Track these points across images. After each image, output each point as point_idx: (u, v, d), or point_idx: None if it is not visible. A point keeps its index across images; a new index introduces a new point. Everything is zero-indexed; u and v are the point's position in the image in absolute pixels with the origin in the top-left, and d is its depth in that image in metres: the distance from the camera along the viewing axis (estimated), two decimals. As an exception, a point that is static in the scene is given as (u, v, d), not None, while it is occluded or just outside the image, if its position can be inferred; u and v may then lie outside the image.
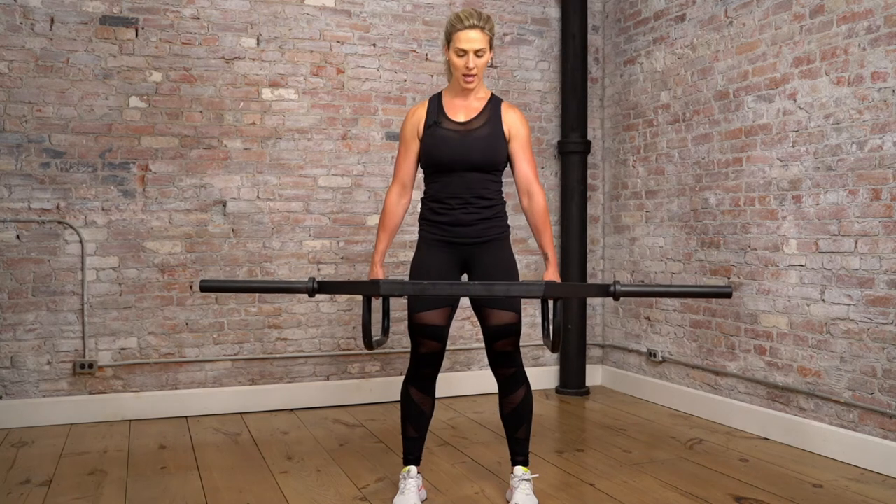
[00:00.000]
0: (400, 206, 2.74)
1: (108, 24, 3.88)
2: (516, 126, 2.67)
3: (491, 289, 2.39)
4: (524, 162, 2.68)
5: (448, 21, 2.63)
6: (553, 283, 2.41)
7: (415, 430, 2.74)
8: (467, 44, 2.56)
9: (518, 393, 2.70)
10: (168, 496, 2.79)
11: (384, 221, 2.74)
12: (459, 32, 2.56)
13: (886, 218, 3.04)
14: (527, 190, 2.68)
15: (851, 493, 2.83)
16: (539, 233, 2.69)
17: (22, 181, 3.76)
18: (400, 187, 2.73)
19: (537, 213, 2.68)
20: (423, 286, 2.40)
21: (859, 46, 3.14)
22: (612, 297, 2.49)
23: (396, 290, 2.44)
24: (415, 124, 2.70)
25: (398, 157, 2.75)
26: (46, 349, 3.80)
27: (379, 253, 2.74)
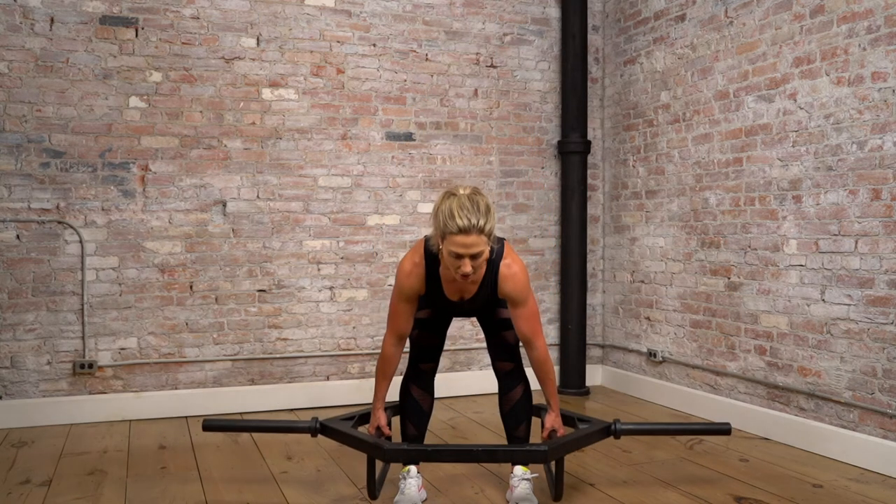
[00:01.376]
0: (398, 355, 2.69)
1: (107, 24, 3.88)
2: (512, 294, 2.56)
3: (493, 455, 2.47)
4: (523, 321, 2.58)
5: (441, 214, 2.36)
6: (555, 446, 2.48)
7: (414, 427, 2.75)
8: (462, 249, 2.33)
9: (517, 390, 2.73)
10: (168, 496, 2.79)
11: (383, 369, 2.68)
12: (454, 236, 2.32)
13: (886, 218, 3.04)
14: (527, 343, 2.62)
15: (851, 493, 2.82)
16: (541, 381, 2.68)
17: (22, 181, 3.76)
18: (397, 339, 2.67)
19: (538, 364, 2.65)
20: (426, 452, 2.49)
21: (859, 46, 3.14)
22: (614, 436, 2.70)
23: (401, 456, 2.51)
24: (415, 288, 2.58)
25: (395, 309, 2.62)
26: (46, 349, 3.80)
27: (379, 399, 2.72)
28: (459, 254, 2.34)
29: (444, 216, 2.34)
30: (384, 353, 2.67)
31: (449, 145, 4.51)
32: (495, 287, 2.57)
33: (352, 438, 2.63)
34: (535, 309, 2.60)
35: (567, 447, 2.60)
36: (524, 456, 2.51)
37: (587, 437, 2.72)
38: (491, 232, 2.37)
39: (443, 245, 2.38)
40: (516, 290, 2.54)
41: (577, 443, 2.67)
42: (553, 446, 2.47)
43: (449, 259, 2.39)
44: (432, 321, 2.74)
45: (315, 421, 2.70)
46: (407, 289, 2.58)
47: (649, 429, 3.06)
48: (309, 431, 2.70)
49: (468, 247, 2.32)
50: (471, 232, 2.30)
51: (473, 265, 2.37)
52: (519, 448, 2.52)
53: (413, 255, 2.59)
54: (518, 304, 2.57)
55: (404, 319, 2.63)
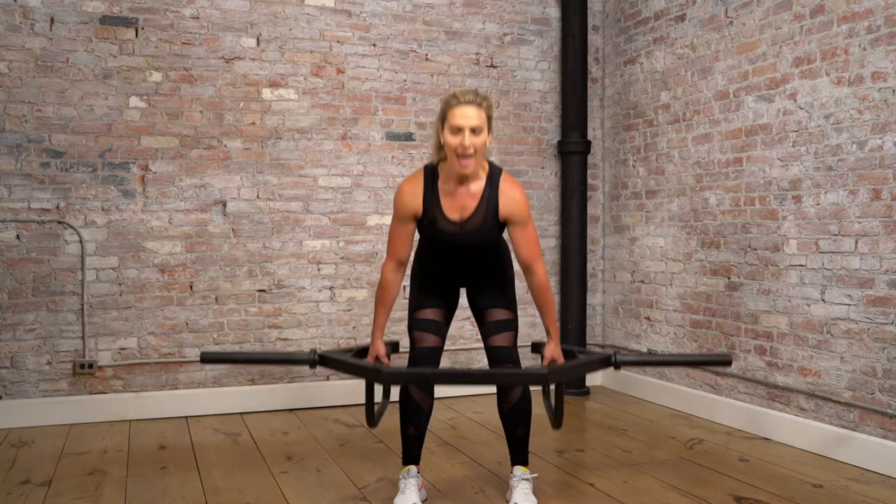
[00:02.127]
0: (397, 282, 2.68)
1: (108, 24, 3.88)
2: (513, 212, 2.57)
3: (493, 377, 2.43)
4: (523, 244, 2.59)
5: (443, 100, 2.52)
6: (555, 369, 2.44)
7: (414, 428, 2.74)
8: (463, 120, 2.41)
9: (516, 391, 2.71)
10: (168, 496, 2.79)
11: (382, 296, 2.67)
12: (454, 108, 2.43)
13: (886, 218, 3.04)
14: (527, 268, 2.62)
15: (851, 493, 2.83)
16: (541, 309, 2.67)
17: (22, 181, 3.76)
18: (396, 264, 2.66)
19: (538, 290, 2.64)
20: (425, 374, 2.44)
21: (859, 46, 3.14)
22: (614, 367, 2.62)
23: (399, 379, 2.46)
24: (411, 207, 2.59)
25: (393, 233, 2.64)
26: (46, 349, 3.80)
27: (378, 328, 2.70)
28: (460, 126, 2.41)
29: (445, 100, 2.50)
30: (383, 279, 2.67)
31: (449, 145, 4.51)
32: (496, 203, 2.56)
33: (350, 365, 2.59)
34: (536, 234, 2.63)
35: (567, 372, 2.57)
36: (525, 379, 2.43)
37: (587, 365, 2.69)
38: (489, 113, 2.48)
39: (444, 131, 2.46)
40: (518, 206, 2.56)
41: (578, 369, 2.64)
42: (553, 370, 2.42)
43: (450, 139, 2.44)
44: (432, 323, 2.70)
45: (314, 353, 2.64)
46: (405, 205, 2.58)
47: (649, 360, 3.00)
48: (308, 363, 2.63)
49: (468, 118, 2.41)
50: (470, 104, 2.43)
51: (473, 142, 2.42)
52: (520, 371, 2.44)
53: (410, 176, 2.65)
54: (519, 223, 2.57)
55: (403, 243, 2.63)
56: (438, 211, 2.57)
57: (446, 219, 2.58)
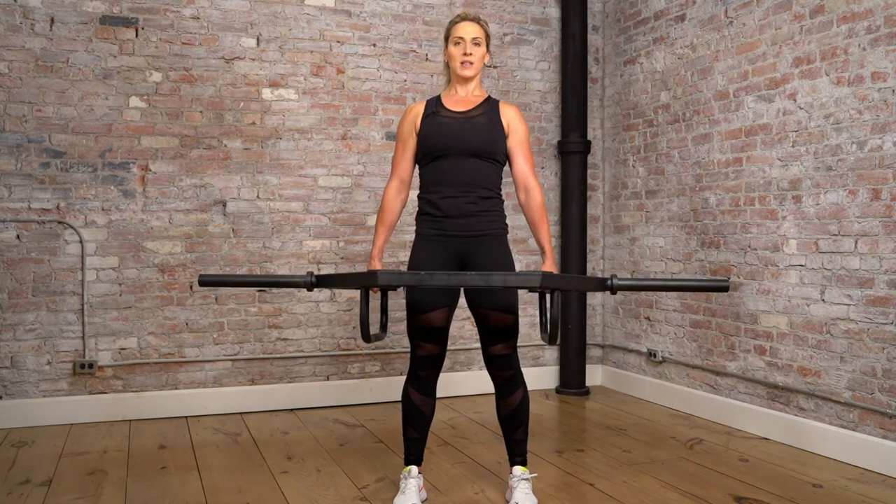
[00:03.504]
0: (398, 201, 2.75)
1: (108, 24, 3.88)
2: (515, 122, 2.71)
3: (488, 279, 2.39)
4: (521, 158, 2.71)
5: (447, 24, 2.77)
6: (550, 274, 2.39)
7: (415, 431, 2.73)
8: (464, 32, 2.66)
9: (516, 395, 2.69)
10: (168, 496, 2.79)
11: (382, 216, 2.74)
12: (457, 24, 2.68)
13: (886, 218, 3.04)
14: (524, 185, 2.70)
15: (851, 493, 2.83)
16: (536, 227, 2.70)
17: (22, 181, 3.76)
18: (398, 182, 2.75)
19: (534, 208, 2.69)
20: (420, 276, 2.40)
21: (859, 46, 3.14)
22: (610, 290, 2.49)
23: (394, 280, 2.43)
24: (412, 120, 2.72)
25: (396, 153, 2.77)
26: (46, 349, 3.80)
27: (377, 248, 2.73)
28: (461, 37, 2.66)
29: (449, 21, 2.76)
30: (384, 199, 2.75)
31: (449, 145, 4.51)
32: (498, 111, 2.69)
33: (345, 276, 2.60)
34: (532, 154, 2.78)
35: (561, 281, 2.56)
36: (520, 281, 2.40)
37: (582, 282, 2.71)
38: (488, 30, 2.72)
39: (448, 47, 2.70)
40: (518, 117, 2.72)
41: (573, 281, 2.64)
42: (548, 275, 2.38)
43: (452, 50, 2.68)
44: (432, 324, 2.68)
45: (310, 275, 2.62)
46: (406, 121, 2.73)
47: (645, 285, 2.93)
48: (305, 286, 2.60)
49: (469, 31, 2.66)
50: (470, 19, 2.69)
51: (474, 52, 2.66)
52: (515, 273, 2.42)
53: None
54: (518, 134, 2.70)
55: (405, 160, 2.74)
56: (441, 106, 2.71)
57: (448, 110, 2.69)
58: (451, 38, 2.69)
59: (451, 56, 2.70)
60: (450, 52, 2.70)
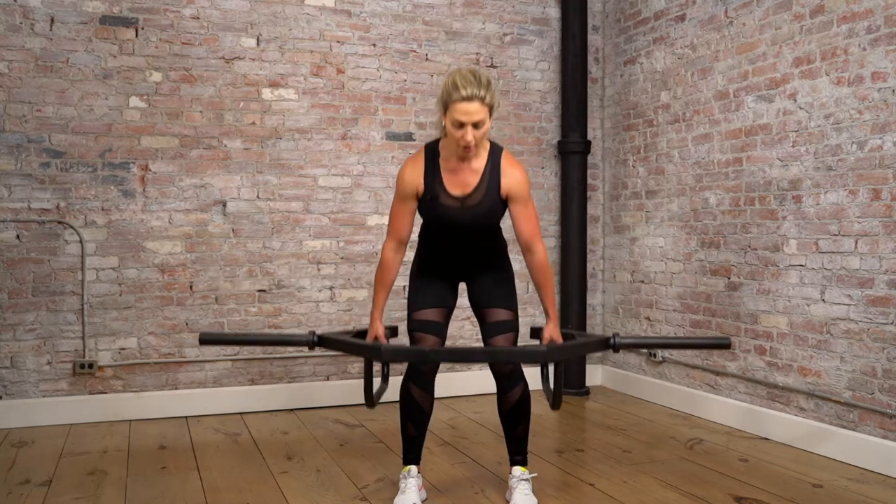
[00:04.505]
0: (397, 262, 2.67)
1: (108, 24, 3.88)
2: (515, 188, 2.58)
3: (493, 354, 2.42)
4: (524, 221, 2.60)
5: (445, 85, 2.45)
6: (554, 347, 2.43)
7: (414, 428, 2.74)
8: (465, 116, 2.41)
9: (516, 391, 2.71)
10: (168, 496, 2.79)
11: (382, 277, 2.66)
12: (457, 104, 2.40)
13: (886, 218, 3.04)
14: (527, 247, 2.63)
15: (851, 493, 2.83)
16: (539, 289, 2.66)
17: (22, 181, 3.76)
18: (396, 243, 2.65)
19: (538, 270, 2.64)
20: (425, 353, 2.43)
21: (859, 46, 3.14)
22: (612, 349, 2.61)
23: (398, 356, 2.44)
24: (412, 185, 2.59)
25: (394, 212, 2.64)
26: (46, 349, 3.80)
27: (378, 309, 2.69)
28: (462, 122, 2.41)
29: (447, 88, 2.43)
30: (383, 259, 2.65)
31: (449, 145, 4.51)
32: (497, 181, 2.57)
33: (349, 345, 2.58)
34: (536, 213, 2.64)
35: (566, 350, 2.56)
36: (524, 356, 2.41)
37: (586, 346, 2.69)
38: (492, 104, 2.45)
39: (446, 118, 2.45)
40: (519, 183, 2.58)
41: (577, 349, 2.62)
42: (552, 348, 2.41)
43: (452, 130, 2.44)
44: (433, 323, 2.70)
45: (313, 334, 2.64)
46: (406, 183, 2.59)
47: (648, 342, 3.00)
48: (307, 344, 2.63)
49: (470, 114, 2.40)
50: (473, 100, 2.39)
51: (475, 135, 2.43)
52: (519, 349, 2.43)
53: (412, 155, 2.66)
54: (520, 200, 2.59)
55: (403, 222, 2.63)
56: (440, 187, 2.58)
57: (448, 194, 2.58)
58: (449, 111, 2.43)
59: (449, 131, 2.47)
60: (448, 128, 2.46)
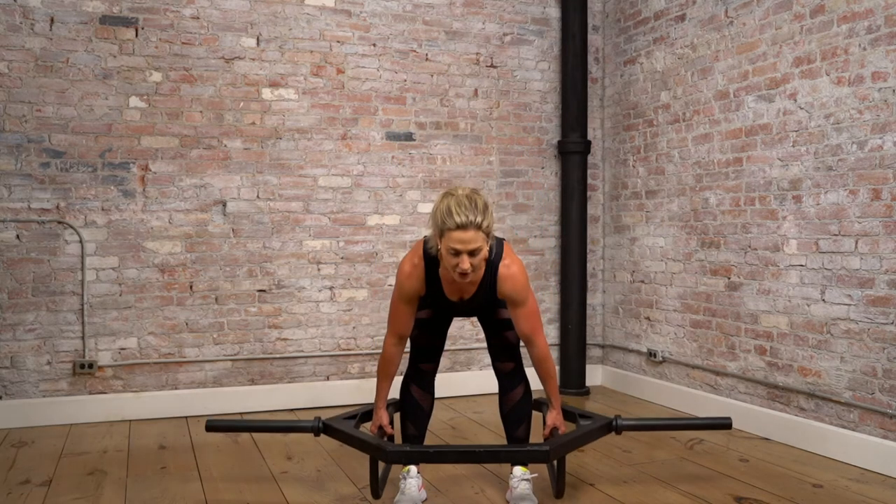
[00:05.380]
0: (399, 354, 2.69)
1: (108, 24, 3.88)
2: (511, 294, 2.56)
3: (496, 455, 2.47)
4: (523, 320, 2.59)
5: (439, 212, 2.38)
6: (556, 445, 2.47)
7: (414, 427, 2.75)
8: (461, 245, 2.34)
9: (517, 390, 2.73)
10: (168, 496, 2.79)
11: (385, 369, 2.69)
12: (452, 233, 2.34)
13: (887, 218, 3.04)
14: (528, 341, 2.63)
15: (851, 493, 2.82)
16: (543, 380, 2.69)
17: (22, 181, 3.76)
18: (397, 339, 2.67)
19: (540, 362, 2.65)
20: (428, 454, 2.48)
21: (860, 46, 3.14)
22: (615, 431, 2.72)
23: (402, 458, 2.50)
24: (414, 291, 2.59)
25: (395, 310, 2.63)
26: (46, 349, 3.80)
27: (381, 399, 2.72)
28: (458, 250, 2.34)
29: (441, 214, 2.36)
30: (385, 353, 2.68)
31: (449, 145, 4.51)
32: (494, 288, 2.57)
33: (354, 439, 2.63)
34: (536, 308, 2.61)
35: (568, 446, 2.60)
36: (526, 456, 2.50)
37: (588, 435, 2.71)
38: (489, 230, 2.39)
39: (441, 243, 2.39)
40: (515, 290, 2.55)
41: (579, 441, 2.66)
42: (554, 446, 2.47)
43: (448, 257, 2.39)
44: (433, 322, 2.74)
45: (318, 421, 2.71)
46: (407, 290, 2.59)
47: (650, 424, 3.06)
48: (312, 431, 2.71)
49: (466, 242, 2.33)
50: (468, 228, 2.32)
51: (472, 262, 2.37)
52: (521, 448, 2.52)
53: (412, 256, 2.60)
54: (517, 305, 2.58)
55: (405, 320, 2.64)
56: (440, 294, 2.62)
57: (447, 300, 2.63)
58: (444, 239, 2.36)
59: (444, 258, 2.41)
60: (443, 254, 2.40)
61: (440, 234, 2.39)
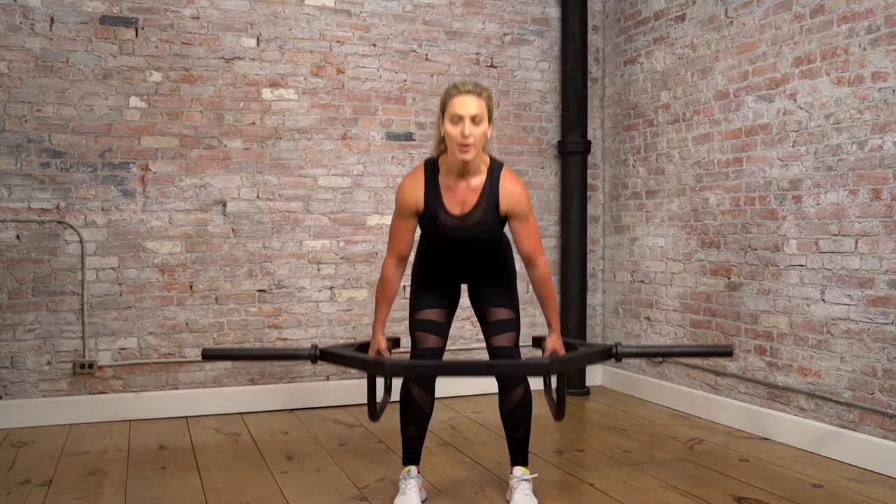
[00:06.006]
0: (398, 277, 2.69)
1: (108, 24, 3.88)
2: (514, 207, 2.58)
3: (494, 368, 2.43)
4: (524, 237, 2.61)
5: (444, 92, 2.52)
6: (556, 360, 2.43)
7: (415, 428, 2.74)
8: (462, 108, 2.42)
9: (517, 391, 2.71)
10: (168, 496, 2.79)
11: (383, 292, 2.68)
12: (454, 98, 2.45)
13: (886, 218, 3.04)
14: (529, 261, 2.64)
15: (851, 493, 2.83)
16: (542, 302, 2.68)
17: (22, 181, 3.76)
18: (397, 259, 2.66)
19: (540, 283, 2.65)
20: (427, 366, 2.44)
21: (859, 46, 3.14)
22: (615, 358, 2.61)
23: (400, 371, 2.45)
24: (412, 202, 2.59)
25: (394, 228, 2.65)
26: (46, 349, 3.80)
27: (380, 322, 2.70)
28: (460, 115, 2.42)
29: (446, 91, 2.51)
30: (384, 275, 2.67)
31: (449, 145, 4.51)
32: (497, 196, 2.57)
33: (352, 359, 2.59)
34: (537, 227, 2.65)
35: (568, 363, 2.56)
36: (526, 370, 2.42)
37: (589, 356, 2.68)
38: (489, 103, 2.49)
39: (444, 121, 2.47)
40: (519, 200, 2.57)
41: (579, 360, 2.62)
42: (555, 360, 2.41)
43: (450, 129, 2.45)
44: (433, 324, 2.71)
45: (315, 349, 2.64)
46: (406, 202, 2.59)
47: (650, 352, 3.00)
48: (309, 359, 2.64)
49: (468, 106, 2.42)
50: (471, 94, 2.44)
51: (473, 132, 2.43)
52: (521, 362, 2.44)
53: (411, 172, 2.66)
54: (520, 218, 2.59)
55: (404, 238, 2.63)
56: (439, 205, 2.58)
57: (447, 213, 2.58)
58: (447, 111, 2.46)
59: (447, 134, 2.47)
60: (446, 129, 2.47)
61: (443, 110, 2.48)
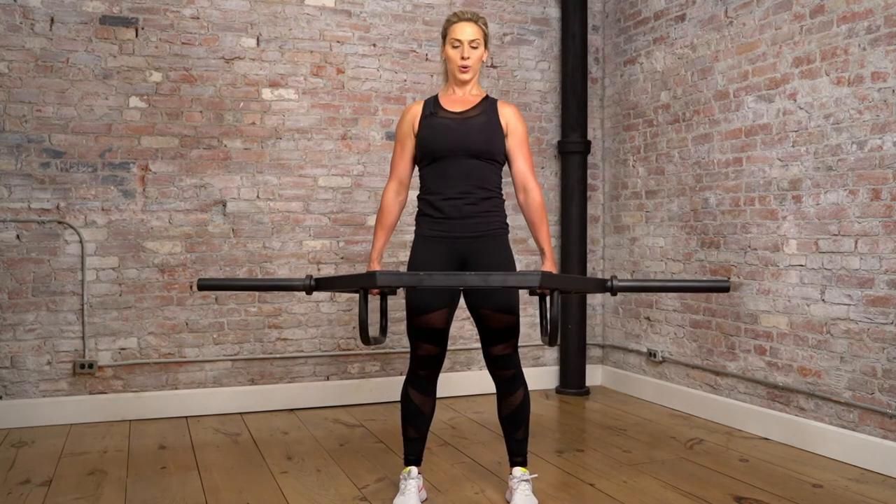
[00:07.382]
0: (397, 204, 2.74)
1: (108, 24, 3.88)
2: (513, 122, 2.69)
3: (487, 279, 2.38)
4: (521, 158, 2.69)
5: (445, 20, 2.73)
6: (549, 274, 2.38)
7: (415, 431, 2.73)
8: (461, 34, 2.63)
9: (517, 394, 2.69)
10: (168, 496, 2.79)
11: (382, 219, 2.73)
12: (454, 25, 2.65)
13: (886, 218, 3.04)
14: (523, 186, 2.69)
15: (851, 493, 2.83)
16: (535, 227, 2.69)
17: (22, 181, 3.76)
18: (397, 184, 2.73)
19: (533, 208, 2.68)
20: (419, 277, 2.40)
21: (859, 46, 3.14)
22: (610, 292, 2.47)
23: (393, 280, 2.42)
24: (410, 121, 2.70)
25: (395, 154, 2.76)
26: (46, 349, 3.80)
27: (377, 250, 2.73)
28: (460, 41, 2.62)
29: (446, 20, 2.70)
30: (383, 201, 2.74)
31: (449, 145, 4.51)
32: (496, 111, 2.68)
33: (344, 279, 2.59)
34: (531, 154, 2.76)
35: (561, 281, 2.52)
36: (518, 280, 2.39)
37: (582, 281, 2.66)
38: (486, 29, 2.68)
39: (446, 47, 2.67)
40: (518, 118, 2.70)
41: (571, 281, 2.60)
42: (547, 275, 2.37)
43: (450, 53, 2.65)
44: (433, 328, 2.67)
45: (310, 279, 2.60)
46: (405, 121, 2.72)
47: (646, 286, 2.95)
48: (304, 289, 2.60)
49: (466, 32, 2.63)
50: (469, 20, 2.65)
51: (472, 55, 2.63)
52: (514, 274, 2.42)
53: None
54: (517, 135, 2.68)
55: (403, 163, 2.73)
56: (439, 107, 2.69)
57: (446, 111, 2.67)
58: (448, 38, 2.66)
59: (448, 58, 2.67)
60: (447, 53, 2.67)
61: (444, 37, 2.68)
